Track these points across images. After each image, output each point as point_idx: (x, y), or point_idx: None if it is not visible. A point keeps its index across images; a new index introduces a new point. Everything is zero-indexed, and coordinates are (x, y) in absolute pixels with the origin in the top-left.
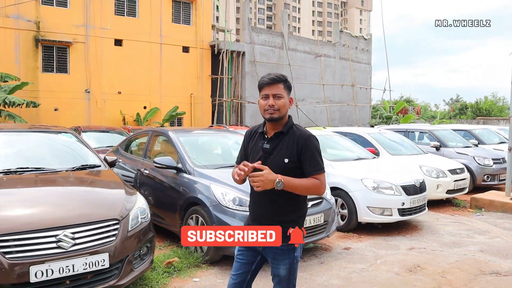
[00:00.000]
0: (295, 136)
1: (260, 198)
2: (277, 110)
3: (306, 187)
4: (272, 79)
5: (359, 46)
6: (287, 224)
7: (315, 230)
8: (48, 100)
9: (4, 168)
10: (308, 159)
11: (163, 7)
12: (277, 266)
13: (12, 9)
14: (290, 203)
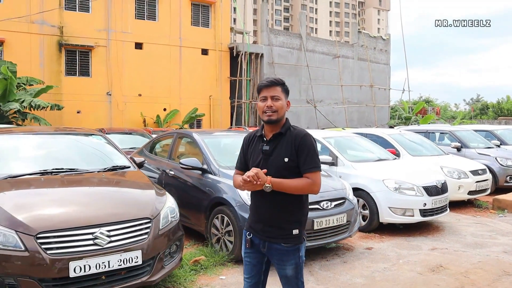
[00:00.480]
0: (292, 136)
1: (264, 200)
2: (275, 112)
3: (297, 187)
4: (271, 82)
5: (378, 46)
6: (291, 225)
7: (338, 230)
8: (71, 103)
9: (41, 169)
10: (303, 157)
11: (182, 11)
12: (283, 267)
13: (37, 15)
14: (293, 203)
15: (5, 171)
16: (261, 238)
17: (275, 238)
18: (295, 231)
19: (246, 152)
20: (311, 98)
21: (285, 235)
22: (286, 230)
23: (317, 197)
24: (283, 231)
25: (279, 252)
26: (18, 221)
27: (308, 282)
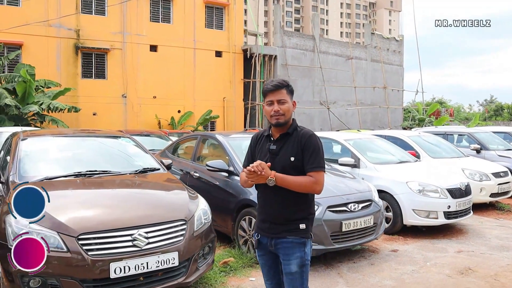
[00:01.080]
0: (299, 136)
1: (270, 198)
2: (282, 115)
3: (300, 184)
4: (275, 86)
5: (391, 47)
6: (297, 222)
7: (365, 232)
8: (87, 105)
9: (75, 171)
10: (308, 156)
11: (196, 13)
12: (288, 262)
13: (54, 18)
14: (298, 202)
15: (41, 173)
16: (268, 236)
17: (281, 233)
18: (302, 225)
19: (253, 151)
20: (325, 99)
21: (291, 229)
22: (293, 225)
23: (344, 199)
24: (289, 226)
25: (284, 246)
26: (59, 222)
27: (338, 284)
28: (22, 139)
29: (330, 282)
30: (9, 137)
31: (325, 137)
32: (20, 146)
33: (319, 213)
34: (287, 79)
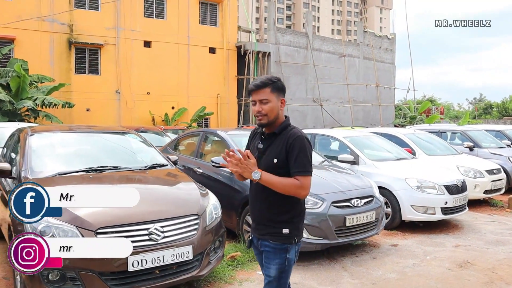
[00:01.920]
0: (286, 137)
1: (255, 198)
2: (265, 115)
3: (283, 185)
4: (257, 85)
5: (383, 45)
6: (281, 224)
7: (368, 227)
8: (80, 100)
9: (86, 167)
10: (293, 159)
11: (190, 9)
12: (268, 266)
13: (47, 12)
14: (282, 203)
15: (53, 168)
16: (256, 236)
17: (264, 235)
18: (284, 230)
19: (249, 147)
20: (318, 97)
21: (273, 232)
22: (275, 228)
23: (347, 195)
24: (272, 229)
25: (266, 250)
26: (78, 216)
27: (343, 277)
28: (31, 135)
29: (335, 275)
30: (15, 133)
31: (324, 134)
32: (29, 141)
33: (324, 208)
34: (281, 76)
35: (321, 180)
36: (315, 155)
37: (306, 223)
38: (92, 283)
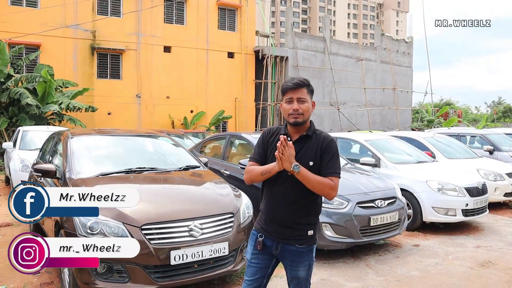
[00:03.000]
0: (319, 140)
1: (280, 200)
2: (301, 114)
3: (319, 182)
4: (297, 84)
5: (400, 49)
6: (306, 227)
7: (391, 227)
8: (102, 104)
9: (126, 168)
10: (327, 161)
11: (209, 15)
12: (296, 268)
13: (71, 19)
14: (310, 205)
15: (95, 169)
16: (275, 239)
17: (289, 240)
18: (310, 232)
19: (266, 146)
20: (335, 100)
21: (299, 236)
22: (301, 231)
23: (372, 196)
24: (298, 231)
25: (292, 254)
26: (124, 214)
27: (368, 274)
28: (71, 138)
29: (360, 273)
30: (53, 136)
31: (345, 138)
32: (71, 144)
33: (350, 209)
34: None
35: (345, 182)
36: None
37: (332, 222)
38: (137, 276)
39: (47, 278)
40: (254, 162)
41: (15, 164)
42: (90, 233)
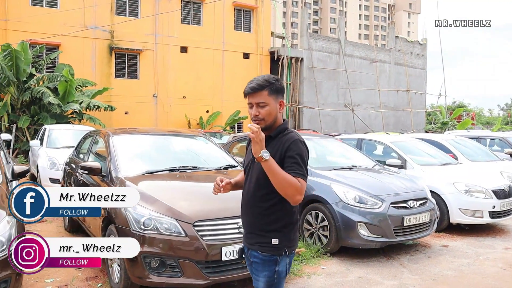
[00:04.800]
0: (282, 141)
1: (245, 205)
2: (262, 120)
3: (285, 179)
4: (252, 88)
5: (414, 51)
6: (270, 233)
7: (423, 227)
8: (120, 103)
9: (169, 167)
10: (290, 162)
11: (225, 16)
12: (256, 277)
13: (90, 20)
14: (274, 211)
15: (140, 167)
16: (246, 245)
17: (254, 245)
18: (274, 241)
19: (246, 152)
20: (349, 102)
21: (263, 243)
22: (265, 237)
23: (404, 197)
24: (261, 238)
25: (255, 261)
26: (177, 211)
27: (403, 273)
28: (112, 137)
29: (395, 271)
30: (91, 135)
31: (369, 139)
32: (113, 143)
33: (384, 209)
34: (313, 81)
35: (378, 182)
36: (366, 158)
37: (366, 221)
38: (189, 270)
39: (91, 273)
40: (242, 169)
41: (43, 162)
42: (143, 229)
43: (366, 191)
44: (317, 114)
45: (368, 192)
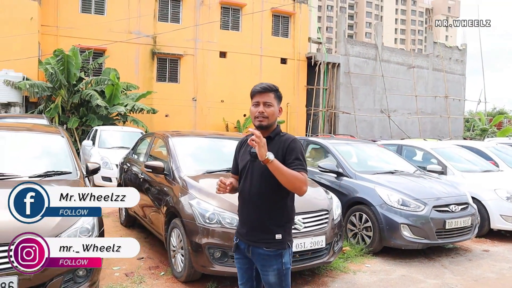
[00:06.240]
0: (281, 141)
1: (247, 203)
2: (266, 118)
3: (291, 174)
4: (264, 88)
5: (453, 56)
6: (273, 229)
7: (464, 231)
8: (160, 107)
9: (227, 167)
10: (291, 159)
11: (264, 22)
12: (266, 273)
13: (134, 26)
14: (277, 208)
15: (200, 167)
16: (246, 242)
17: (258, 242)
18: (277, 236)
19: (237, 156)
20: (385, 107)
21: (267, 239)
22: (268, 234)
23: (446, 201)
24: (265, 235)
25: (262, 257)
26: (235, 206)
27: (445, 273)
28: (172, 138)
29: (437, 272)
30: (149, 136)
31: (409, 145)
32: (174, 144)
33: (427, 212)
34: (349, 86)
35: (420, 187)
36: (408, 164)
37: (410, 223)
38: None
39: (152, 263)
40: (232, 175)
41: (96, 161)
42: (208, 223)
43: (409, 195)
44: (353, 119)
45: (411, 196)
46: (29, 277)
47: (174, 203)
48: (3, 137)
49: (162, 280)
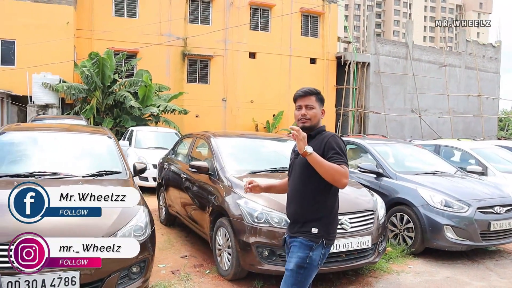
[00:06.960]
0: (321, 139)
1: (290, 197)
2: (309, 119)
3: (331, 166)
4: (305, 92)
5: (487, 54)
6: (310, 223)
7: (508, 234)
8: (191, 107)
9: (271, 167)
10: (331, 153)
11: (293, 22)
12: (290, 259)
13: (165, 28)
14: (314, 203)
15: (245, 167)
16: (289, 234)
17: (295, 233)
18: (314, 230)
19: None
20: (416, 107)
21: (303, 231)
22: (305, 226)
23: (491, 202)
24: (303, 227)
25: (293, 245)
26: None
27: (491, 276)
28: (214, 139)
29: (482, 274)
30: (189, 136)
31: (447, 145)
32: (217, 144)
33: (471, 213)
34: (379, 86)
35: (463, 187)
36: (448, 164)
37: (453, 225)
38: None
39: (195, 261)
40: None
41: (133, 161)
42: (256, 222)
43: (452, 195)
44: (383, 119)
45: (454, 197)
46: (90, 273)
47: (220, 203)
48: (57, 138)
49: (208, 278)
